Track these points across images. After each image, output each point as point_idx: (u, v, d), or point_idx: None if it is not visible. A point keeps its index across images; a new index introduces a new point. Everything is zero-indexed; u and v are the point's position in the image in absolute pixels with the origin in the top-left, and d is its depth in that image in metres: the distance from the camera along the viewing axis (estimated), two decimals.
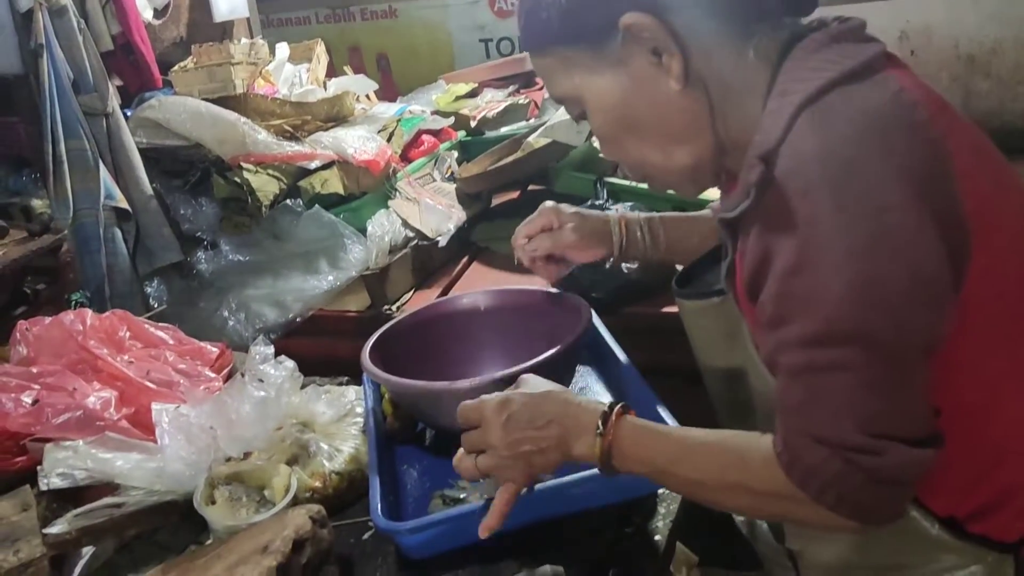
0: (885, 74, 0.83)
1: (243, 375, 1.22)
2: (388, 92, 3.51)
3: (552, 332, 1.30)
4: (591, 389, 1.38)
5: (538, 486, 1.06)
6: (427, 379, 1.28)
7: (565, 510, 1.08)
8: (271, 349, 1.29)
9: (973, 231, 0.80)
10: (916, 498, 0.94)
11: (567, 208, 1.26)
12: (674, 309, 1.33)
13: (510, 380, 1.14)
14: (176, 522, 1.22)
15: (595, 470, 1.01)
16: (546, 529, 1.08)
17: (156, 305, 2.17)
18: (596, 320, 1.39)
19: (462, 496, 1.12)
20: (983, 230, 0.81)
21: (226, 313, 2.11)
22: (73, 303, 1.75)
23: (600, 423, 0.94)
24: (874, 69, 0.83)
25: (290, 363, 1.29)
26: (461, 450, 1.02)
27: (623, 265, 1.80)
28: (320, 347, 2.15)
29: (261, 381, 1.21)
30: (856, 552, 1.01)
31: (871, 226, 0.76)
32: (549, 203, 1.28)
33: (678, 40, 0.88)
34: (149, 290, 2.20)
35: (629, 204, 1.89)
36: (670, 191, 1.05)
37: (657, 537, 1.17)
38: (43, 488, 1.16)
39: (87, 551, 1.19)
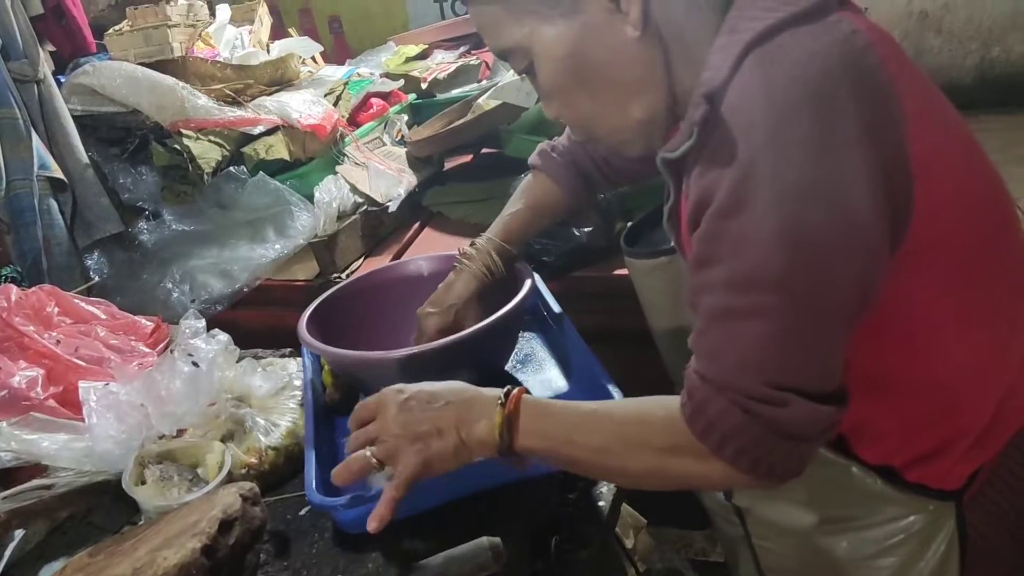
0: (838, 15, 0.80)
1: (172, 351, 1.17)
2: (341, 55, 3.43)
3: (495, 298, 1.27)
4: (535, 356, 1.36)
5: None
6: (368, 348, 1.25)
7: (504, 479, 1.06)
8: (202, 323, 1.25)
9: (917, 175, 0.79)
10: (851, 450, 0.94)
11: (442, 301, 1.26)
12: (625, 272, 1.31)
13: (451, 347, 1.12)
14: (109, 502, 1.19)
15: None
16: (486, 499, 1.06)
17: (96, 278, 2.11)
18: (541, 285, 1.37)
19: None
20: (928, 175, 0.80)
21: (169, 285, 2.05)
22: (3, 278, 1.68)
23: (502, 396, 0.93)
24: (827, 10, 0.80)
25: (223, 336, 1.25)
26: (351, 455, 0.97)
27: (573, 229, 1.78)
28: (268, 318, 2.10)
29: (191, 356, 1.16)
30: (800, 507, 1.01)
31: (808, 171, 0.75)
32: (423, 310, 1.25)
33: None
34: (89, 263, 2.13)
35: None
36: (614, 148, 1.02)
37: (601, 503, 1.16)
38: None
39: (18, 534, 1.15)
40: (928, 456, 0.94)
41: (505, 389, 0.94)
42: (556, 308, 1.33)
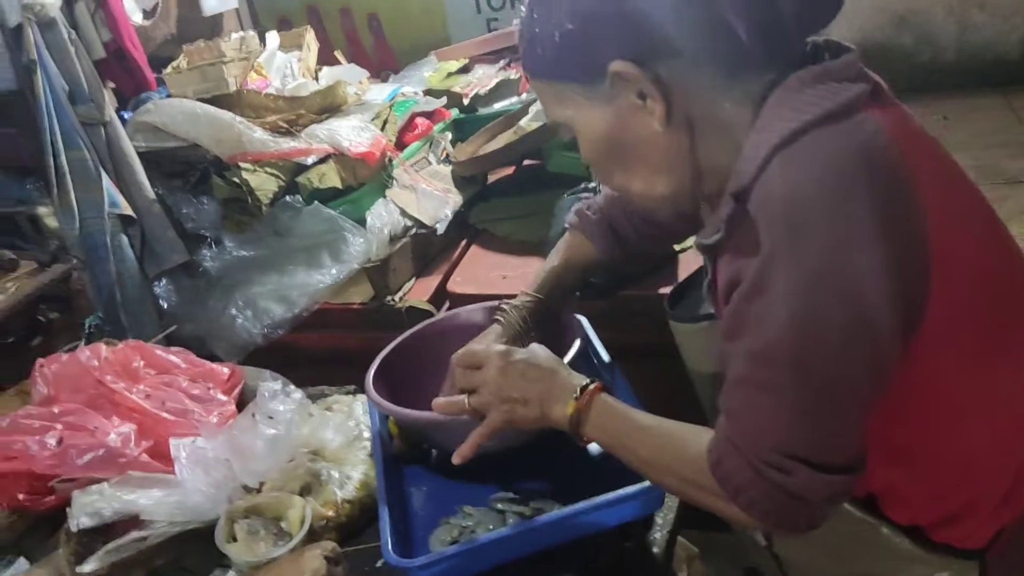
0: (864, 115, 0.86)
1: (254, 414, 1.27)
2: (383, 55, 3.50)
3: (547, 346, 1.35)
4: None
5: (541, 518, 1.13)
6: (431, 397, 1.34)
7: (568, 537, 1.15)
8: (279, 383, 1.35)
9: (936, 263, 0.85)
10: (882, 511, 1.01)
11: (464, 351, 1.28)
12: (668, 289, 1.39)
13: None
14: (200, 547, 1.29)
15: (593, 500, 1.12)
16: (548, 553, 1.14)
17: (166, 306, 2.23)
18: (591, 333, 1.44)
19: (467, 524, 1.18)
20: (947, 261, 0.86)
21: (234, 311, 2.16)
22: (87, 326, 1.80)
23: (578, 390, 1.07)
24: (852, 110, 0.86)
25: (297, 394, 1.35)
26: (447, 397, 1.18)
27: None
28: (327, 340, 2.21)
29: (271, 418, 1.26)
30: (834, 561, 1.09)
31: (820, 264, 0.82)
32: (453, 359, 1.26)
33: (661, 86, 0.92)
34: (158, 291, 2.25)
35: None
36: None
37: (655, 549, 1.24)
38: (73, 529, 1.24)
39: None
40: (953, 518, 1.00)
41: (584, 383, 1.07)
42: (606, 357, 1.40)
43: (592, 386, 1.07)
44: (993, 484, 0.99)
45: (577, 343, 1.30)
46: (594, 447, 1.24)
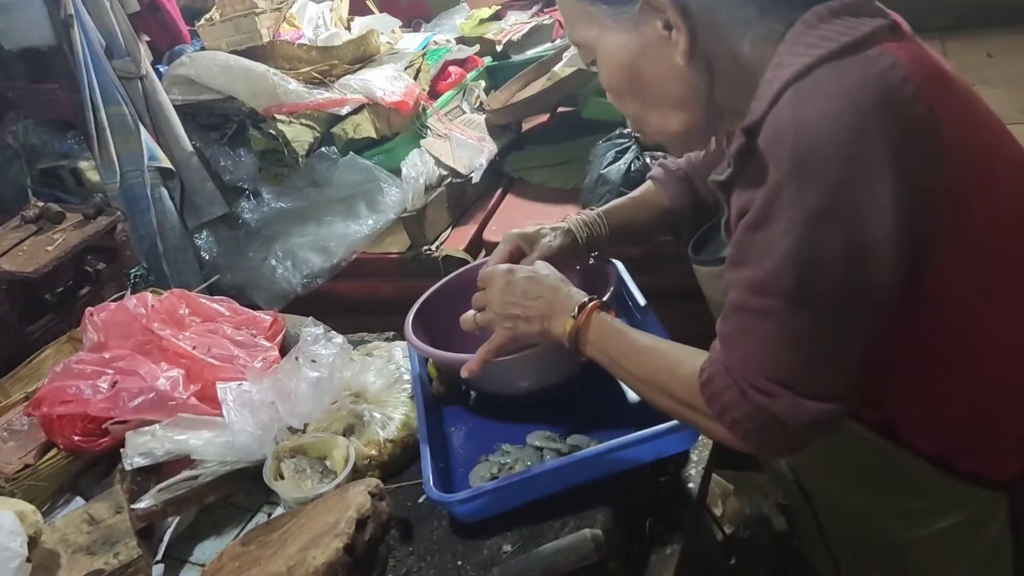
0: (880, 49, 0.84)
1: (297, 358, 1.30)
2: (415, 3, 3.45)
3: (584, 289, 1.36)
4: None
5: (576, 454, 1.16)
6: (469, 342, 1.36)
7: (603, 473, 1.17)
8: (320, 328, 1.38)
9: (951, 202, 0.85)
10: (904, 440, 1.01)
11: (529, 230, 1.31)
12: None
13: (546, 353, 1.22)
14: (249, 485, 1.34)
15: (628, 436, 1.15)
16: (584, 490, 1.17)
17: (207, 257, 2.27)
18: (627, 277, 1.44)
19: (506, 461, 1.21)
20: (963, 199, 0.85)
21: (274, 262, 2.21)
22: (132, 277, 1.84)
23: (576, 309, 1.09)
24: (868, 44, 0.84)
25: (339, 339, 1.38)
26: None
27: None
28: (366, 288, 2.25)
29: (314, 362, 1.29)
30: (859, 491, 1.11)
31: (825, 201, 0.82)
32: (513, 232, 1.30)
33: (688, 19, 0.91)
34: (199, 242, 2.29)
35: None
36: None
37: (690, 485, 1.26)
38: (127, 468, 1.29)
39: (172, 519, 1.32)
40: (978, 448, 1.00)
41: (582, 302, 1.10)
42: (641, 300, 1.41)
43: (590, 304, 1.09)
44: (1014, 415, 0.99)
45: (615, 277, 1.32)
46: None
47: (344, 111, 2.19)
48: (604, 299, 1.12)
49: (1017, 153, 0.94)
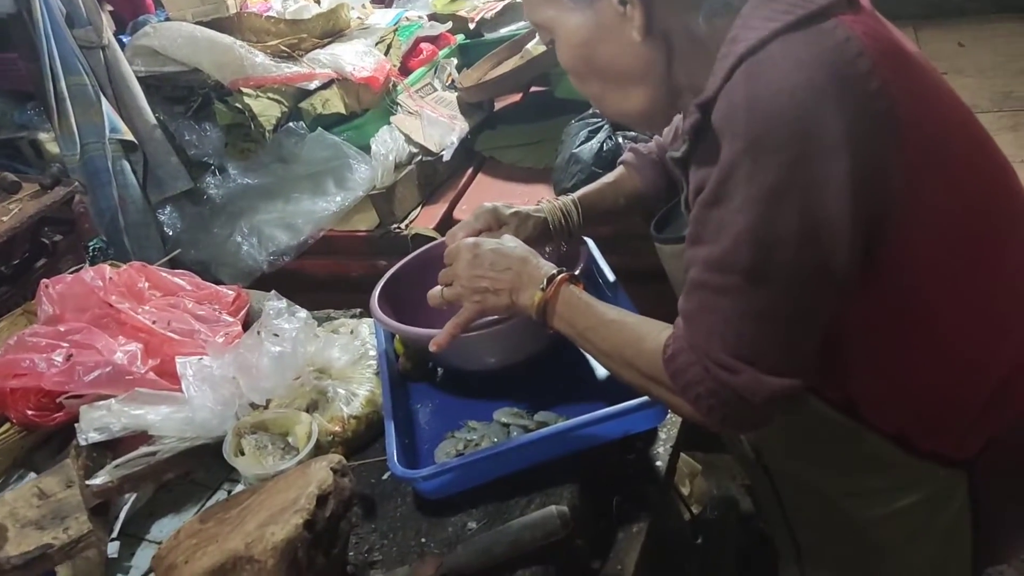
0: (835, 21, 0.83)
1: (259, 332, 1.27)
2: None
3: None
4: None
5: (543, 431, 1.14)
6: (436, 317, 1.34)
7: (570, 450, 1.16)
8: (283, 302, 1.34)
9: (907, 177, 0.84)
10: (865, 417, 1.01)
11: (504, 209, 1.28)
12: None
13: (515, 329, 1.20)
14: (209, 462, 1.31)
15: (596, 413, 1.13)
16: (551, 467, 1.15)
17: (170, 233, 2.22)
18: (597, 254, 1.43)
19: (472, 437, 1.19)
20: (922, 177, 0.85)
21: (239, 238, 2.16)
22: (91, 250, 1.79)
23: (545, 281, 1.08)
24: (824, 16, 0.83)
25: (302, 313, 1.35)
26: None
27: None
28: (333, 267, 2.21)
29: (277, 336, 1.26)
30: (819, 469, 1.11)
31: (779, 178, 0.82)
32: (487, 205, 1.29)
33: None
34: (162, 217, 2.24)
35: None
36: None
37: (658, 463, 1.25)
38: (82, 443, 1.25)
39: (129, 496, 1.29)
40: (937, 427, 1.01)
41: (551, 274, 1.08)
42: (611, 277, 1.39)
43: (559, 276, 1.08)
44: (973, 393, 0.99)
45: (585, 254, 1.30)
46: None
47: (313, 86, 2.15)
48: (574, 273, 1.10)
49: (975, 130, 0.95)
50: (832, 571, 1.21)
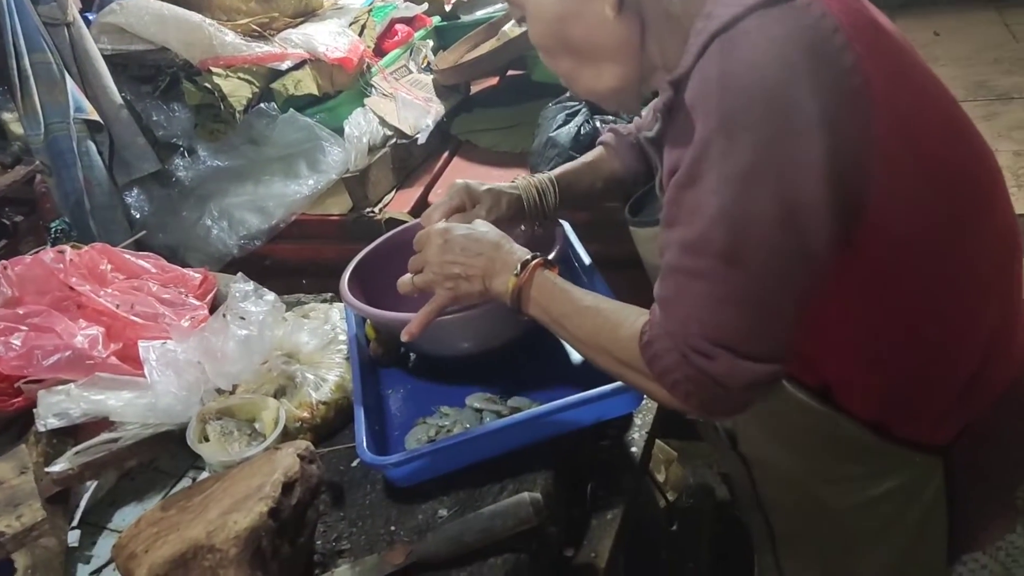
0: None
1: (225, 315, 1.24)
2: None
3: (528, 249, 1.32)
4: None
5: (516, 416, 1.11)
6: (408, 302, 1.30)
7: (543, 435, 1.13)
8: (251, 285, 1.31)
9: (881, 157, 0.83)
10: (840, 404, 1.00)
11: (478, 187, 1.26)
12: None
13: (489, 314, 1.17)
14: (174, 449, 1.27)
15: (570, 398, 1.11)
16: (524, 453, 1.13)
17: (138, 216, 2.17)
18: (573, 238, 1.40)
19: (444, 423, 1.16)
20: (895, 153, 0.84)
21: (209, 222, 2.12)
22: (52, 231, 1.74)
23: (519, 266, 1.05)
24: None
25: (270, 296, 1.31)
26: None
27: None
28: (305, 251, 2.17)
29: (243, 319, 1.23)
30: (795, 456, 1.10)
31: (753, 157, 0.80)
32: (460, 182, 1.26)
33: None
34: (129, 200, 2.19)
35: None
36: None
37: (633, 449, 1.23)
38: (40, 429, 1.21)
39: (90, 484, 1.25)
40: (912, 413, 1.00)
41: (525, 259, 1.06)
42: (587, 260, 1.37)
43: (533, 261, 1.05)
44: (950, 376, 0.98)
45: (561, 236, 1.28)
46: None
47: (284, 66, 2.10)
48: (549, 257, 1.07)
49: (949, 107, 0.93)
50: (807, 559, 1.20)
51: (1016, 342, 1.03)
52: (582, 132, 1.89)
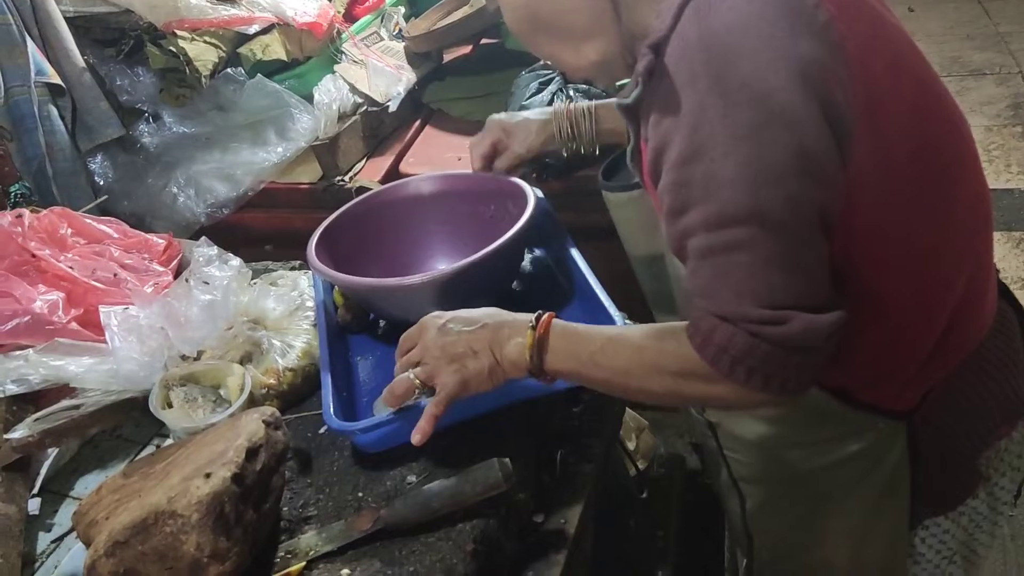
0: None
1: (188, 280, 1.21)
2: None
3: (498, 215, 1.31)
4: (540, 277, 1.40)
5: None
6: (376, 268, 1.29)
7: (513, 400, 1.12)
8: (215, 250, 1.28)
9: (858, 116, 0.82)
10: None
11: (510, 119, 1.25)
12: None
13: (461, 273, 1.16)
14: (138, 416, 1.25)
15: None
16: (494, 416, 1.12)
17: (102, 182, 2.12)
18: (542, 200, 1.39)
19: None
20: (870, 115, 0.83)
21: (175, 189, 2.07)
22: (12, 195, 1.70)
23: (533, 320, 0.99)
24: None
25: (235, 260, 1.29)
26: (395, 378, 1.05)
27: None
28: (275, 220, 2.14)
29: (207, 284, 1.20)
30: (761, 422, 1.10)
31: (755, 111, 0.79)
32: (494, 117, 1.27)
33: None
34: (93, 167, 2.14)
35: None
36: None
37: (605, 417, 1.23)
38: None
39: (51, 451, 1.22)
40: (878, 378, 1.00)
41: (536, 313, 1.00)
42: (562, 231, 1.36)
43: (546, 315, 1.00)
44: (916, 344, 0.99)
45: (531, 204, 1.26)
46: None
47: (252, 30, 2.05)
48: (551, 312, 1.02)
49: (922, 71, 0.92)
50: (776, 525, 1.20)
51: (983, 310, 1.04)
52: (556, 101, 1.87)
